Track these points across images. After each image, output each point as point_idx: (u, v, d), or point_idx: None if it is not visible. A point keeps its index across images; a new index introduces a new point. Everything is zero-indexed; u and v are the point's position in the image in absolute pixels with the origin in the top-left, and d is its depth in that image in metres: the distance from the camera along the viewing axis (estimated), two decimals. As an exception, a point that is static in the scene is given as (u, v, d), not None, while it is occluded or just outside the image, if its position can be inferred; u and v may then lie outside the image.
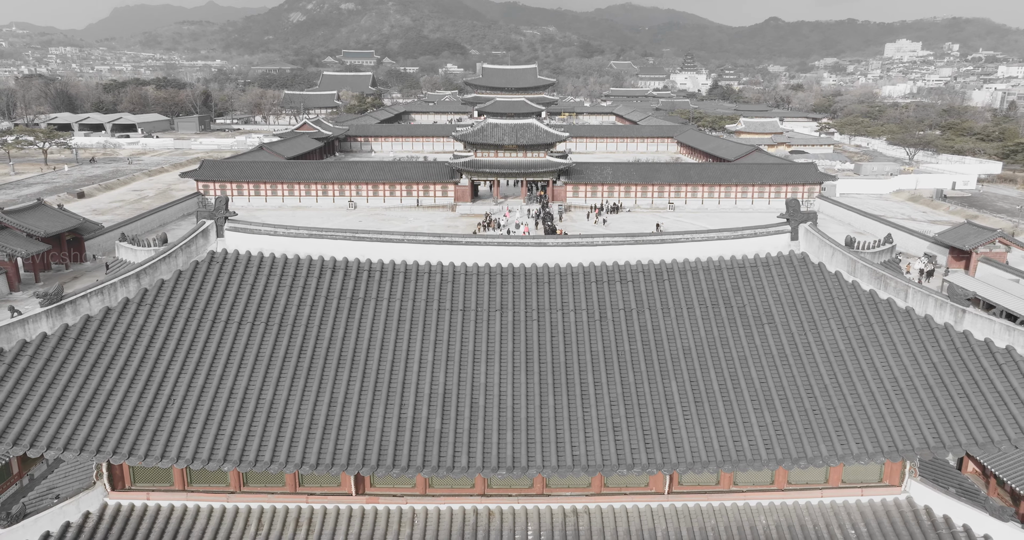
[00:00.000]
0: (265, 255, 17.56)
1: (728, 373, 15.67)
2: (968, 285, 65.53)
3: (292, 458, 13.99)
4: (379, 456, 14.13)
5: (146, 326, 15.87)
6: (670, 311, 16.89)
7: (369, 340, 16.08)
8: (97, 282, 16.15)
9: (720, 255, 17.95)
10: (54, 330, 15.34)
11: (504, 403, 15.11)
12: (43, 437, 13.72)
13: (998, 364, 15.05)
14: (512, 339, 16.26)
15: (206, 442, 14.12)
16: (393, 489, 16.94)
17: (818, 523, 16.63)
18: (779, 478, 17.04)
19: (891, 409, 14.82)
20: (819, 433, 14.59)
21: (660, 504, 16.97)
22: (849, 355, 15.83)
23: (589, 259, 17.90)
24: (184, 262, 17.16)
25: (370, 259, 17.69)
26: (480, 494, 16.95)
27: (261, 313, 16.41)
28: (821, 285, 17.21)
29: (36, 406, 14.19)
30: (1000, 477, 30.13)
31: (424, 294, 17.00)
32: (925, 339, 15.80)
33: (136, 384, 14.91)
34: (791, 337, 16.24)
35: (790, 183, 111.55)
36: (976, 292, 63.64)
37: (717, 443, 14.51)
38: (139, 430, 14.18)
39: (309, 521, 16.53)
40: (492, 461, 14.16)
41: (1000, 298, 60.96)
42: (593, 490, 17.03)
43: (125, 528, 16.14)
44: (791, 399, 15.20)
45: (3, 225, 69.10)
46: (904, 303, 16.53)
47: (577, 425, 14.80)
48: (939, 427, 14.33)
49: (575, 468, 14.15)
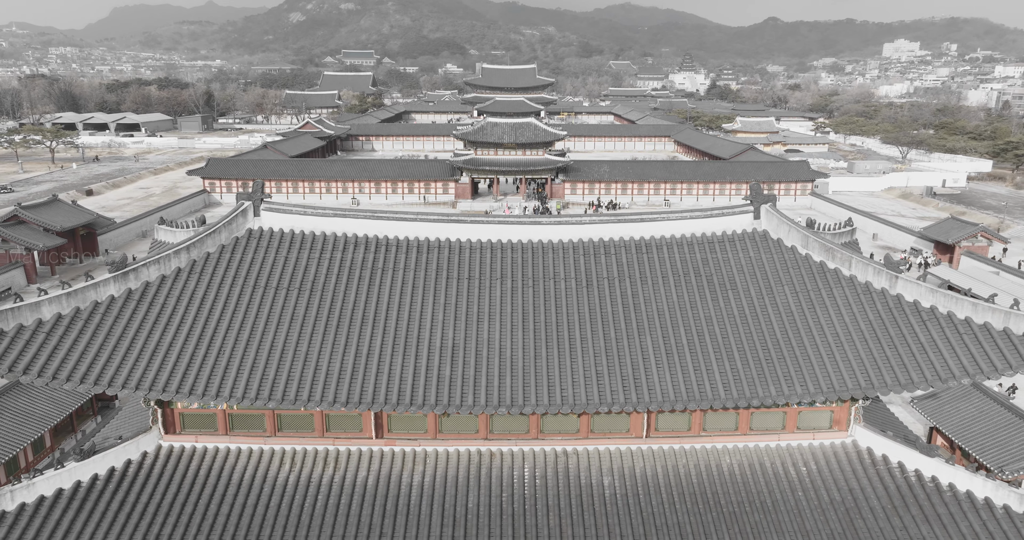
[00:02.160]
0: (296, 232, 20.20)
1: (696, 330, 18.31)
2: (951, 277, 68.29)
3: (326, 397, 16.63)
4: (399, 396, 16.76)
5: (196, 290, 18.51)
6: (647, 279, 19.54)
7: (388, 303, 18.71)
8: (153, 255, 18.78)
9: (692, 232, 20.60)
10: (120, 293, 17.98)
11: (504, 354, 17.75)
12: (118, 379, 16.34)
13: (923, 321, 17.70)
14: (511, 302, 18.89)
15: (252, 384, 16.76)
16: (408, 434, 19.58)
17: (775, 462, 19.28)
18: (742, 424, 19.69)
19: (832, 359, 17.47)
20: (771, 379, 17.23)
21: (639, 446, 19.62)
22: (799, 315, 18.48)
23: (577, 235, 20.55)
24: (226, 238, 19.80)
25: (387, 235, 20.33)
26: (483, 438, 19.59)
27: (295, 280, 19.04)
28: (778, 257, 19.86)
29: (110, 355, 16.83)
30: (964, 448, 32.86)
31: (435, 265, 19.65)
32: (864, 301, 18.46)
33: (191, 338, 17.55)
34: (751, 300, 18.89)
35: (783, 180, 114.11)
36: (958, 284, 66.40)
37: (684, 387, 17.15)
38: (196, 374, 16.81)
39: (336, 460, 19.16)
40: (494, 400, 16.79)
41: (983, 291, 63.67)
42: (581, 434, 19.67)
43: (177, 465, 18.78)
44: (748, 351, 17.83)
45: (21, 220, 71.75)
46: (849, 271, 19.19)
47: (566, 372, 17.43)
48: (871, 372, 16.98)
49: (564, 406, 16.78)
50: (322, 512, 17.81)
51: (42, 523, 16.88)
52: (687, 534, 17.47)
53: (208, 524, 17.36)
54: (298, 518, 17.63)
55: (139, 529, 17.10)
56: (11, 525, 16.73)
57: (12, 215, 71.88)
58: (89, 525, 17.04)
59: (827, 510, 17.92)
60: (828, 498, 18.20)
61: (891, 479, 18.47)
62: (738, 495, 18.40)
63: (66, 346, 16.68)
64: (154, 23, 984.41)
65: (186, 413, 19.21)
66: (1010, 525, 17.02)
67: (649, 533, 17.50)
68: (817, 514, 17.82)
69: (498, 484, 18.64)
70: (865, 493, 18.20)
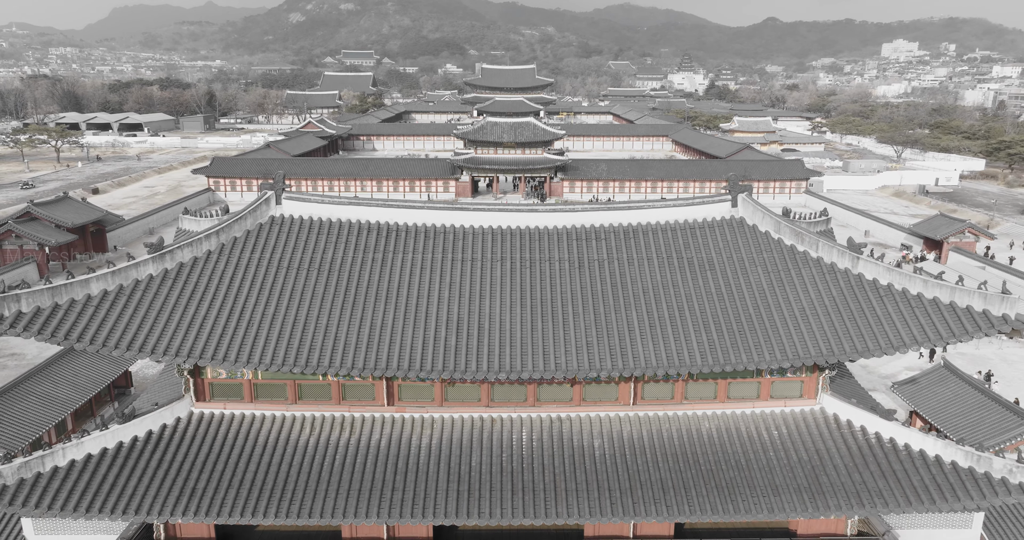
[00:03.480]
0: (314, 218, 22.16)
1: (677, 306, 20.28)
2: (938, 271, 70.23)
3: (344, 363, 18.60)
4: (409, 363, 18.73)
5: (226, 270, 20.48)
6: (634, 261, 21.51)
7: (399, 281, 20.68)
8: (186, 238, 20.74)
9: (675, 218, 22.57)
10: (158, 272, 19.95)
11: (503, 327, 19.72)
12: (159, 347, 18.31)
13: (880, 296, 19.69)
14: (510, 281, 20.86)
15: (279, 352, 18.73)
16: (417, 402, 21.56)
17: (749, 427, 21.27)
18: (720, 393, 21.68)
19: (799, 330, 19.45)
20: (743, 348, 19.21)
21: (627, 413, 21.60)
22: (770, 292, 20.46)
23: (571, 222, 22.52)
24: (252, 223, 21.76)
25: (397, 222, 22.30)
26: (485, 405, 21.58)
27: (314, 261, 21.01)
28: (753, 241, 21.84)
29: (151, 326, 18.80)
30: (940, 429, 34.83)
31: (440, 248, 21.62)
32: (829, 279, 20.45)
33: (222, 312, 19.52)
34: (727, 279, 20.86)
35: (778, 179, 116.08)
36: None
37: (666, 355, 19.13)
38: (228, 343, 18.78)
39: (351, 425, 21.14)
40: (495, 367, 18.76)
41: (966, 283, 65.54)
42: (574, 402, 21.65)
43: (208, 429, 20.76)
44: (724, 324, 19.81)
45: (33, 216, 73.68)
46: (816, 253, 21.17)
47: (559, 343, 19.41)
48: (832, 342, 18.97)
49: (557, 372, 18.76)
50: (340, 469, 19.78)
51: (90, 477, 18.86)
52: (668, 489, 19.44)
53: (237, 479, 19.33)
54: (318, 475, 19.61)
55: (175, 483, 19.07)
56: (63, 478, 18.71)
57: (25, 212, 73.81)
58: (132, 479, 19.01)
59: (795, 468, 19.90)
60: (796, 457, 20.18)
61: (853, 441, 20.46)
62: (715, 455, 20.38)
63: (113, 318, 18.66)
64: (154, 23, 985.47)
65: (215, 382, 21.18)
66: (956, 478, 19.01)
67: (634, 488, 19.47)
68: (786, 471, 19.80)
69: (499, 446, 20.61)
70: (830, 453, 20.18)
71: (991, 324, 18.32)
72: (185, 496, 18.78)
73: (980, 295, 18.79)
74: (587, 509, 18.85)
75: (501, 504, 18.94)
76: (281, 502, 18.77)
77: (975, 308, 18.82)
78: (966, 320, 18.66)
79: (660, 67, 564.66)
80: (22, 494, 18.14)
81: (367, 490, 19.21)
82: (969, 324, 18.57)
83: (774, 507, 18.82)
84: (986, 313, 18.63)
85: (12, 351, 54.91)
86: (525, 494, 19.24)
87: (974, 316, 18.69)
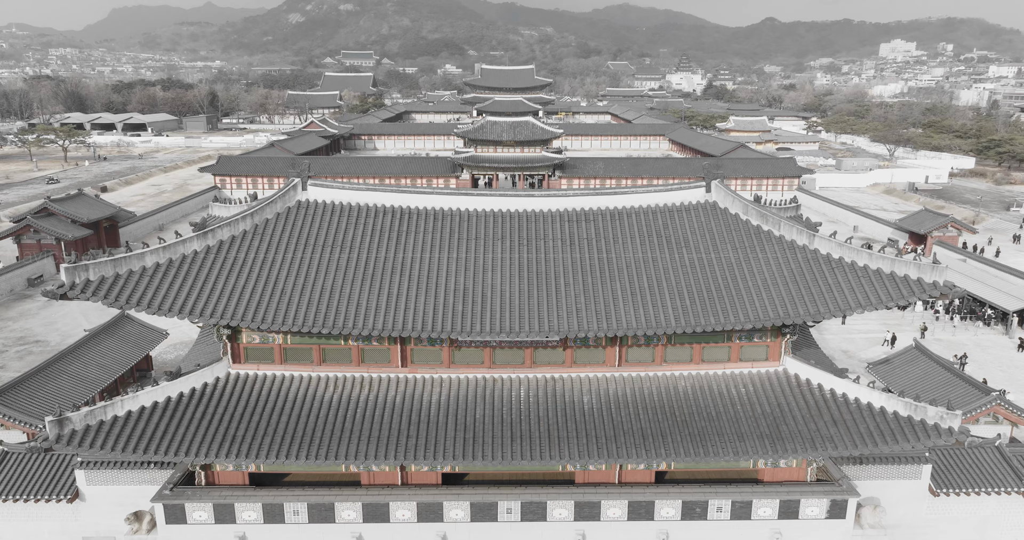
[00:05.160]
0: (337, 202, 25.03)
1: (655, 277, 23.16)
2: (921, 264, 73.19)
3: (366, 326, 21.45)
4: (422, 326, 21.59)
5: (260, 247, 23.34)
6: (618, 239, 24.38)
7: (411, 257, 23.54)
8: (226, 219, 23.59)
9: (655, 202, 25.45)
10: (201, 248, 22.82)
11: (503, 296, 22.58)
12: (206, 311, 21.18)
13: (832, 268, 22.59)
14: (509, 257, 23.73)
15: (309, 317, 21.59)
16: (427, 364, 24.41)
17: (720, 385, 24.14)
18: (695, 356, 24.55)
19: (760, 297, 22.32)
20: (711, 312, 22.08)
21: (612, 374, 24.47)
22: (738, 265, 23.33)
23: (563, 206, 25.39)
24: (281, 207, 24.63)
25: (410, 205, 25.16)
26: (487, 367, 24.44)
27: (337, 239, 23.87)
28: (724, 221, 24.72)
29: (198, 294, 21.66)
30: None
31: (448, 228, 24.48)
32: (788, 254, 23.33)
33: (258, 282, 22.37)
34: (700, 254, 23.73)
35: (770, 176, 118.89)
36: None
37: (644, 318, 21.99)
38: (265, 309, 21.65)
39: (370, 384, 24.00)
40: (496, 329, 21.62)
41: (949, 275, 68.59)
42: (566, 364, 24.52)
43: (244, 386, 23.62)
44: (696, 292, 22.68)
45: (50, 212, 76.52)
46: (779, 232, 24.06)
47: (552, 309, 22.26)
48: (788, 306, 21.84)
49: (550, 333, 21.63)
50: (360, 421, 22.64)
51: (144, 425, 21.72)
52: (647, 436, 22.31)
53: (272, 428, 22.19)
54: (342, 425, 22.46)
55: (218, 431, 21.94)
56: (121, 426, 21.56)
57: (42, 207, 76.66)
58: (180, 428, 21.87)
59: (759, 419, 22.76)
60: (761, 410, 23.05)
61: (811, 395, 23.34)
62: (689, 409, 23.25)
63: (164, 286, 21.53)
64: (153, 24, 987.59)
65: (249, 347, 24.04)
66: (896, 425, 21.89)
67: (618, 436, 22.33)
68: (751, 421, 22.67)
69: (499, 401, 23.48)
70: (790, 406, 23.06)
71: (923, 289, 21.22)
72: (227, 442, 21.63)
73: (915, 265, 21.68)
74: (576, 453, 21.71)
75: (501, 449, 21.80)
76: (310, 447, 21.63)
77: (911, 276, 21.71)
78: (903, 286, 21.55)
79: (658, 67, 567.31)
80: (88, 438, 21.00)
81: (384, 437, 22.06)
82: (905, 289, 21.47)
83: (739, 451, 21.68)
84: (920, 280, 21.53)
85: (36, 338, 57.84)
86: (522, 441, 22.10)
87: (910, 283, 21.58)
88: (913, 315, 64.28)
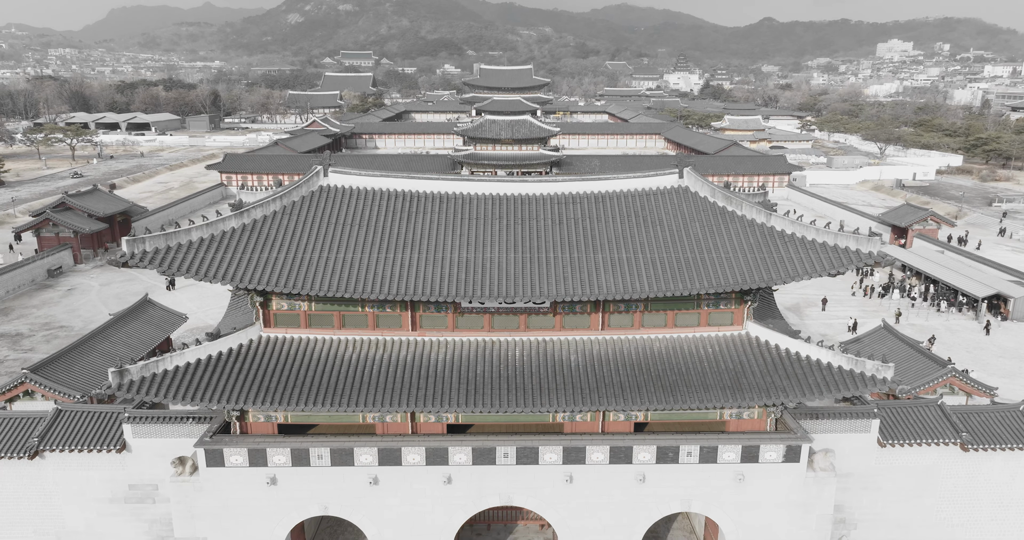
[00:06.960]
0: (355, 187, 28.50)
1: (632, 251, 26.63)
2: (902, 256, 76.91)
3: (381, 291, 24.89)
4: (430, 291, 25.04)
5: (289, 225, 26.81)
6: (601, 219, 27.86)
7: (420, 234, 27.01)
8: (258, 201, 27.06)
9: (634, 187, 28.94)
10: (238, 226, 26.29)
11: (501, 267, 26.04)
12: (244, 279, 24.63)
13: (786, 242, 26.09)
14: (506, 234, 27.20)
15: (333, 283, 25.04)
16: (434, 329, 27.87)
17: (690, 345, 27.61)
18: (669, 322, 28.02)
19: (723, 267, 25.80)
20: (680, 279, 25.55)
21: (596, 337, 27.94)
22: (704, 240, 26.81)
23: (552, 190, 28.87)
24: (306, 191, 28.10)
25: (419, 190, 28.64)
26: (487, 331, 27.90)
27: (355, 219, 27.34)
28: (694, 203, 28.20)
29: (237, 264, 25.12)
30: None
31: (453, 209, 27.96)
32: (749, 231, 26.82)
33: (288, 254, 25.83)
34: (672, 232, 27.22)
35: (762, 173, 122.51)
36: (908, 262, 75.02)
37: (623, 285, 25.46)
38: (295, 277, 25.10)
39: (384, 345, 27.45)
40: (494, 294, 25.08)
41: (925, 265, 72.31)
42: (556, 329, 27.98)
43: (275, 347, 27.08)
44: (667, 263, 26.15)
45: (68, 206, 79.97)
46: (740, 212, 27.56)
47: (543, 277, 25.72)
48: (746, 275, 25.33)
49: (541, 297, 25.10)
50: (376, 375, 26.09)
51: (191, 378, 25.18)
52: (626, 388, 25.77)
53: (300, 381, 25.63)
54: (360, 378, 25.91)
55: (253, 383, 25.39)
56: (171, 378, 25.03)
57: (60, 202, 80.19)
58: (220, 380, 25.32)
59: (723, 373, 26.23)
60: (724, 366, 26.52)
61: (768, 353, 26.82)
62: (663, 365, 26.72)
63: (208, 257, 25.00)
64: (152, 24, 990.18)
65: (278, 313, 27.50)
66: (840, 377, 25.39)
67: (600, 388, 25.79)
68: (715, 375, 26.14)
69: (497, 360, 26.94)
70: (749, 362, 26.54)
71: (860, 258, 24.75)
72: (262, 393, 25.09)
73: (854, 238, 25.17)
74: (564, 402, 25.16)
75: (499, 398, 25.25)
76: (334, 396, 25.08)
77: (851, 247, 25.22)
78: (843, 256, 25.05)
79: (656, 67, 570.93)
80: (144, 387, 24.46)
81: (397, 389, 25.51)
82: (846, 259, 24.98)
83: (704, 399, 25.14)
84: (858, 251, 25.04)
85: (60, 324, 61.30)
86: (517, 392, 25.56)
87: (850, 253, 25.08)
88: (890, 302, 67.90)
